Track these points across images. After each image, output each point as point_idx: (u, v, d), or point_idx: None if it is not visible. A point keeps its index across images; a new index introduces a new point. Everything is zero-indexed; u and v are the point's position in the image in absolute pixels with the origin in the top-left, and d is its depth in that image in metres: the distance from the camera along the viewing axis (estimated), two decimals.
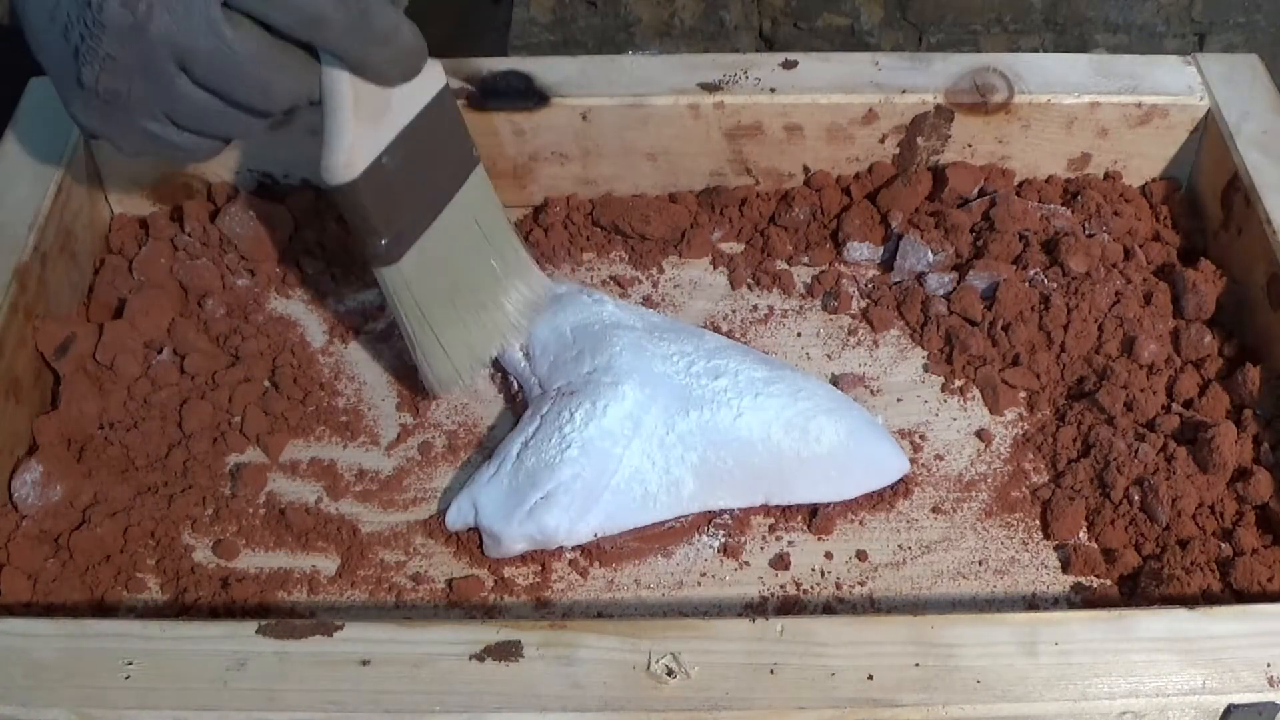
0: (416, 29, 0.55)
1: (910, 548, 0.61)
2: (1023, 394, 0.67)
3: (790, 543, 0.61)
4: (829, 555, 0.61)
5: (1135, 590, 0.59)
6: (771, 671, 0.50)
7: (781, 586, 0.60)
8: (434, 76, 0.59)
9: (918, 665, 0.50)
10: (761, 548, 0.61)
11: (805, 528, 0.62)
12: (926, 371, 0.69)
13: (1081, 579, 0.60)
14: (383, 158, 0.57)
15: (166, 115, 0.53)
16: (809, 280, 0.73)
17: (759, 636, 0.51)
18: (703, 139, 0.74)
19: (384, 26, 0.53)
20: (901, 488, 0.63)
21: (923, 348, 0.70)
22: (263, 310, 0.71)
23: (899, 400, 0.67)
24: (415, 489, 0.63)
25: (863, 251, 0.74)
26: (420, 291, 0.61)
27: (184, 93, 0.52)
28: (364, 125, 0.55)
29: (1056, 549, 0.61)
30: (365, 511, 0.62)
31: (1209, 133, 0.73)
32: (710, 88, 0.73)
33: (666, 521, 0.61)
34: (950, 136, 0.74)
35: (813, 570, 0.60)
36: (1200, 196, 0.75)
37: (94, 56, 0.51)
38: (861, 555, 0.61)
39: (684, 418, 0.61)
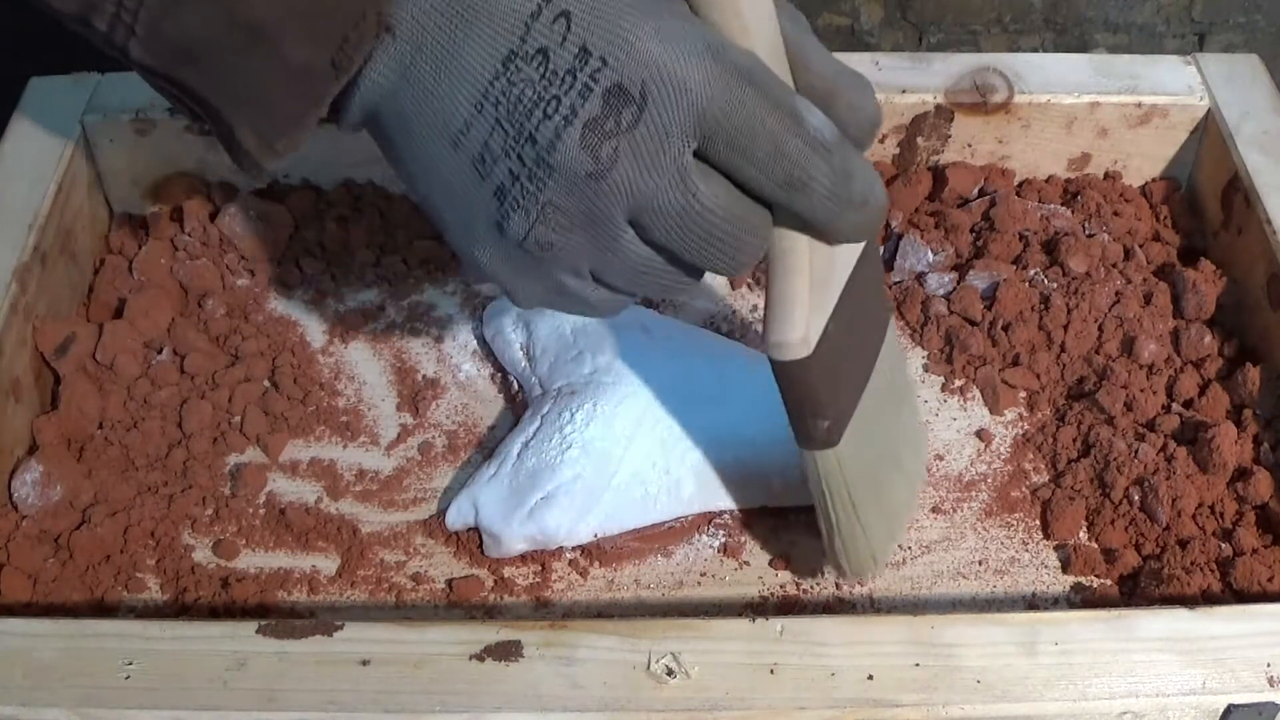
0: (881, 181, 0.47)
1: (910, 548, 0.61)
2: (1023, 394, 0.67)
3: (790, 543, 0.61)
4: None
5: (1135, 590, 0.59)
6: (771, 671, 0.50)
7: (781, 586, 0.60)
8: None
9: (918, 665, 0.50)
10: (761, 548, 0.61)
11: (805, 528, 0.62)
12: (926, 371, 0.69)
13: (1081, 579, 0.60)
14: (829, 325, 0.49)
15: (592, 271, 0.46)
16: None
17: (759, 636, 0.51)
18: None
19: (863, 188, 0.46)
20: None
21: (923, 348, 0.70)
22: (263, 310, 0.71)
23: None
24: (415, 489, 0.63)
25: None
26: (851, 473, 0.53)
27: (626, 250, 0.45)
28: (816, 292, 0.48)
29: (1056, 549, 0.61)
30: (365, 511, 0.62)
31: (1209, 133, 0.73)
32: None
33: (666, 521, 0.61)
34: (950, 136, 0.74)
35: (813, 570, 0.60)
36: (1200, 196, 0.75)
37: (530, 203, 0.43)
38: None
39: (684, 418, 0.61)
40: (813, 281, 0.47)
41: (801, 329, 0.47)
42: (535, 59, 0.42)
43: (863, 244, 0.51)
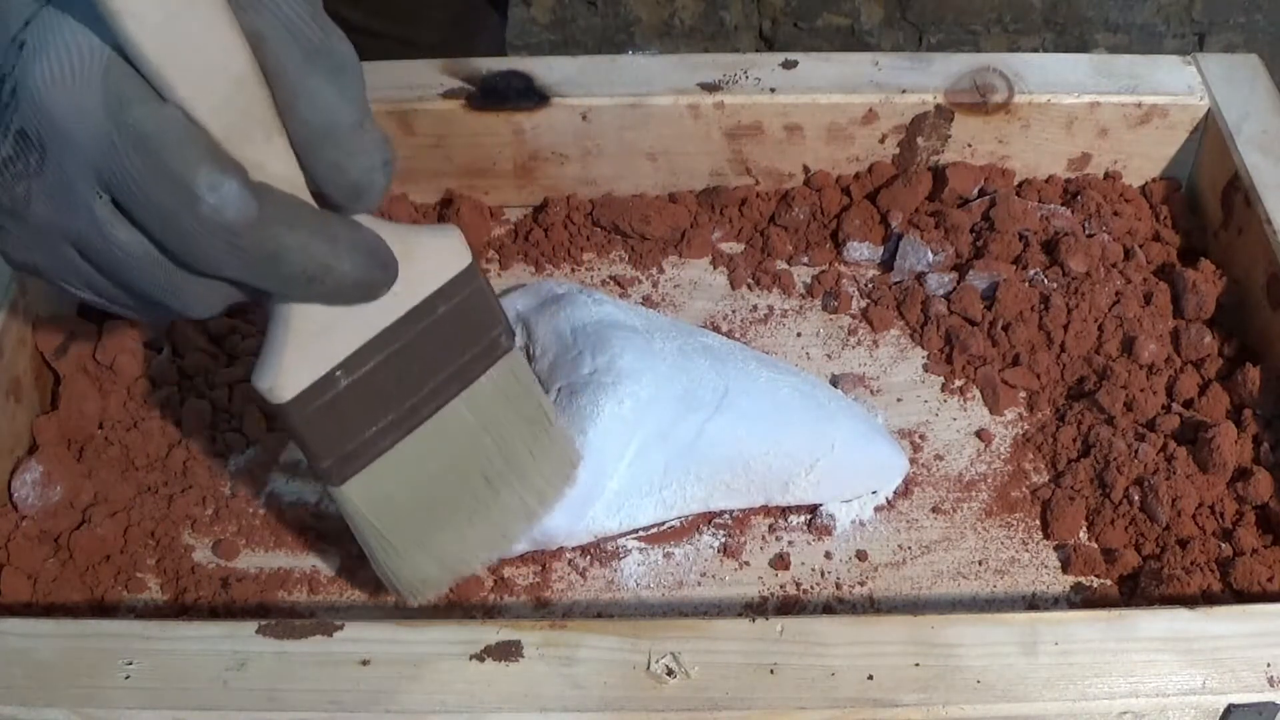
0: (369, 251, 0.45)
1: (910, 548, 0.61)
2: (1023, 394, 0.67)
3: (790, 543, 0.61)
4: (829, 555, 0.61)
5: (1135, 590, 0.59)
6: (771, 671, 0.50)
7: (781, 586, 0.60)
8: (446, 262, 0.49)
9: (918, 665, 0.50)
10: (761, 548, 0.61)
11: (805, 528, 0.62)
12: (926, 371, 0.69)
13: (1081, 579, 0.60)
14: (336, 372, 0.48)
15: (86, 286, 0.45)
16: (809, 280, 0.73)
17: (759, 636, 0.51)
18: (703, 139, 0.74)
19: (300, 266, 0.43)
20: (901, 487, 0.63)
21: (923, 348, 0.70)
22: (263, 309, 0.70)
23: (899, 400, 0.67)
24: None
25: (863, 251, 0.74)
26: (376, 510, 0.52)
27: (89, 275, 0.44)
28: (308, 344, 0.47)
29: (1056, 549, 0.61)
30: None
31: (1209, 133, 0.73)
32: (710, 88, 0.73)
33: (667, 521, 0.61)
34: (950, 136, 0.75)
35: (813, 570, 0.60)
36: (1200, 196, 0.75)
37: None
38: (861, 555, 0.61)
39: (684, 418, 0.61)
40: (301, 333, 0.46)
41: (271, 379, 0.47)
42: (2, 83, 0.41)
43: (433, 287, 0.49)
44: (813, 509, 0.62)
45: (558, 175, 0.75)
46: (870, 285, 0.72)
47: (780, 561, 0.60)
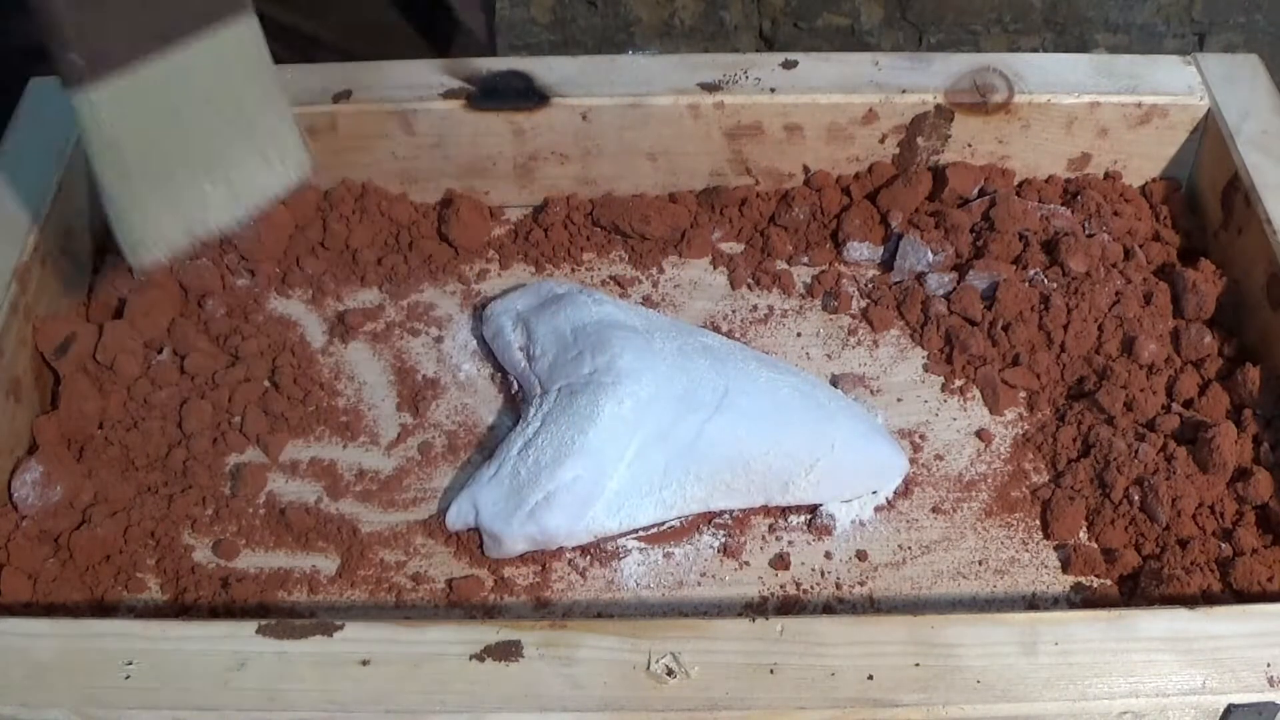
0: None
1: (910, 548, 0.61)
2: (1023, 394, 0.67)
3: (790, 543, 0.61)
4: (829, 555, 0.61)
5: (1135, 590, 0.59)
6: (771, 671, 0.50)
7: (781, 586, 0.60)
8: None
9: (918, 665, 0.50)
10: (761, 548, 0.61)
11: (805, 528, 0.62)
12: (926, 371, 0.69)
13: (1081, 579, 0.60)
14: None
15: None
16: (809, 280, 0.73)
17: (759, 636, 0.51)
18: (703, 139, 0.74)
19: None
20: (901, 487, 0.63)
21: (923, 348, 0.70)
22: (263, 310, 0.71)
23: (899, 400, 0.67)
24: (415, 489, 0.63)
25: (863, 251, 0.74)
26: (119, 134, 0.51)
27: None
28: None
29: (1056, 549, 0.61)
30: (365, 511, 0.62)
31: (1209, 133, 0.73)
32: (710, 88, 0.73)
33: (667, 521, 0.61)
34: (950, 136, 0.75)
35: (813, 570, 0.60)
36: (1200, 196, 0.75)
37: None
38: (861, 555, 0.61)
39: (684, 419, 0.61)
40: None
41: None
42: None
43: None
44: (813, 509, 0.62)
45: (558, 175, 0.75)
46: (870, 285, 0.72)
47: (780, 561, 0.60)
